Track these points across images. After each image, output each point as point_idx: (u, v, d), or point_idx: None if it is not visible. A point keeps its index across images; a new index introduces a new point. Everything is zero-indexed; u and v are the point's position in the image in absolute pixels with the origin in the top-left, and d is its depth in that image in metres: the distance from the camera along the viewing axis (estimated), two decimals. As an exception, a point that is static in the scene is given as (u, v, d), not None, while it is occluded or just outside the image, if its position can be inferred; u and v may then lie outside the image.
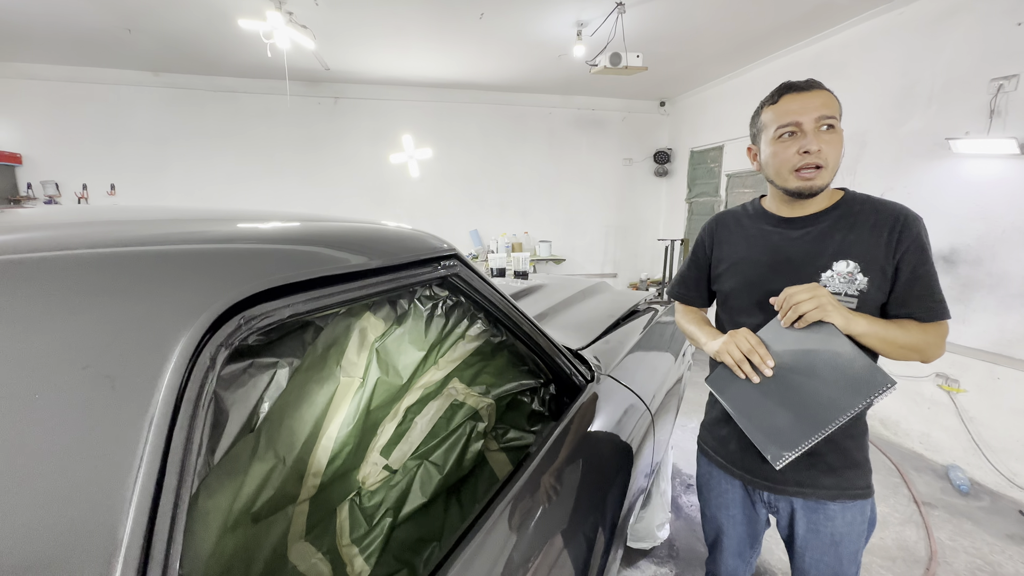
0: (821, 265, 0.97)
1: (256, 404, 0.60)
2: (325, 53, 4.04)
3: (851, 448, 1.00)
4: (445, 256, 0.88)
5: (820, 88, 0.97)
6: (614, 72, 3.00)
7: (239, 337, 0.50)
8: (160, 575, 0.37)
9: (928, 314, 0.94)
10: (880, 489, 2.61)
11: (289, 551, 0.83)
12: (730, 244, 1.14)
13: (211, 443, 0.54)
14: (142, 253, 0.47)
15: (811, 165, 0.94)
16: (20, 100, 4.52)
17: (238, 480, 0.65)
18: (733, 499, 1.15)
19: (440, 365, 1.07)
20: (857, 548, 1.03)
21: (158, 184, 4.92)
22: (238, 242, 0.54)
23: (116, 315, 0.42)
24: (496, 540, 0.75)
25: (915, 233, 0.94)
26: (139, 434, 0.39)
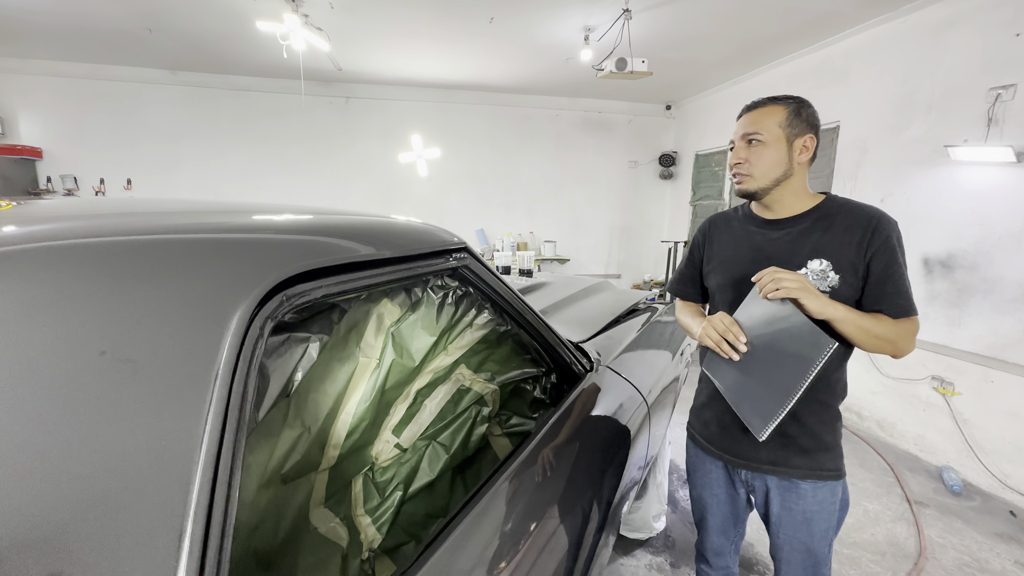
0: (797, 263, 1.07)
1: (292, 372, 0.69)
2: (338, 54, 4.15)
3: (822, 432, 1.09)
4: (456, 249, 0.97)
5: (765, 105, 1.10)
6: (620, 77, 3.08)
7: (282, 312, 0.58)
8: (224, 501, 0.46)
9: (897, 310, 1.01)
10: (874, 488, 2.67)
11: (311, 514, 0.91)
12: (720, 243, 1.25)
13: (256, 402, 0.62)
14: (203, 240, 0.55)
15: (739, 172, 1.11)
16: (42, 96, 4.65)
17: (272, 442, 0.73)
18: (716, 479, 1.24)
19: (449, 351, 1.15)
20: (828, 527, 1.11)
21: (172, 180, 5.05)
22: (280, 231, 0.62)
23: (187, 291, 0.51)
24: (490, 515, 0.83)
25: (885, 235, 1.02)
26: (208, 385, 0.47)
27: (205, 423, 0.46)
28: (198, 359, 0.48)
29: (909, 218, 3.06)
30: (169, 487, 0.42)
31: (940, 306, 2.87)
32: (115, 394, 0.43)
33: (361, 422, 0.98)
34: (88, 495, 0.38)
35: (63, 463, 0.38)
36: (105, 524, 0.38)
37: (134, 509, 0.40)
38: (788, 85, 4.12)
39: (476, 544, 0.76)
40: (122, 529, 0.39)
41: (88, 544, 0.37)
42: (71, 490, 0.38)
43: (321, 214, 0.74)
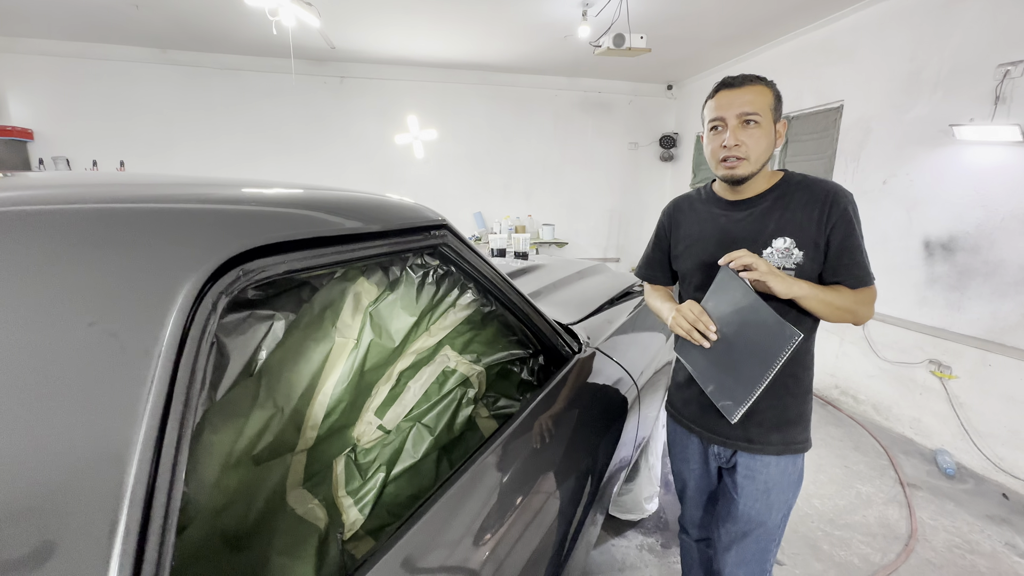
0: (762, 243, 1.08)
1: (255, 351, 0.67)
2: (331, 31, 4.04)
3: (793, 405, 1.12)
4: (435, 226, 0.94)
5: (753, 84, 1.06)
6: (617, 53, 2.99)
7: (238, 287, 0.56)
8: (168, 484, 0.43)
9: (855, 281, 1.04)
10: (867, 471, 2.68)
11: (288, 495, 0.90)
12: (685, 226, 1.24)
13: (214, 381, 0.60)
14: (154, 210, 0.52)
15: (731, 156, 1.05)
16: (32, 76, 4.57)
17: (240, 422, 0.71)
18: (692, 454, 1.28)
19: (432, 332, 1.13)
20: (787, 498, 1.15)
21: (166, 161, 4.98)
22: (237, 203, 0.59)
23: (134, 261, 0.48)
24: (469, 493, 0.82)
25: (842, 208, 1.04)
26: (149, 363, 0.45)
27: (146, 402, 0.43)
28: (140, 335, 0.45)
29: (911, 200, 3.01)
30: (103, 470, 0.40)
31: (940, 289, 2.84)
32: (46, 371, 0.40)
33: (339, 403, 0.96)
34: (10, 485, 0.36)
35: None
36: (31, 514, 0.36)
37: (63, 497, 0.38)
38: (792, 64, 4.02)
39: (453, 522, 0.75)
40: (50, 520, 0.37)
41: (12, 531, 0.35)
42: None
43: (288, 188, 0.71)
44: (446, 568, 0.73)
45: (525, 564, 0.85)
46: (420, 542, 0.70)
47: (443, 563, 0.72)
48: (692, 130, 5.53)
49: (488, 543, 0.79)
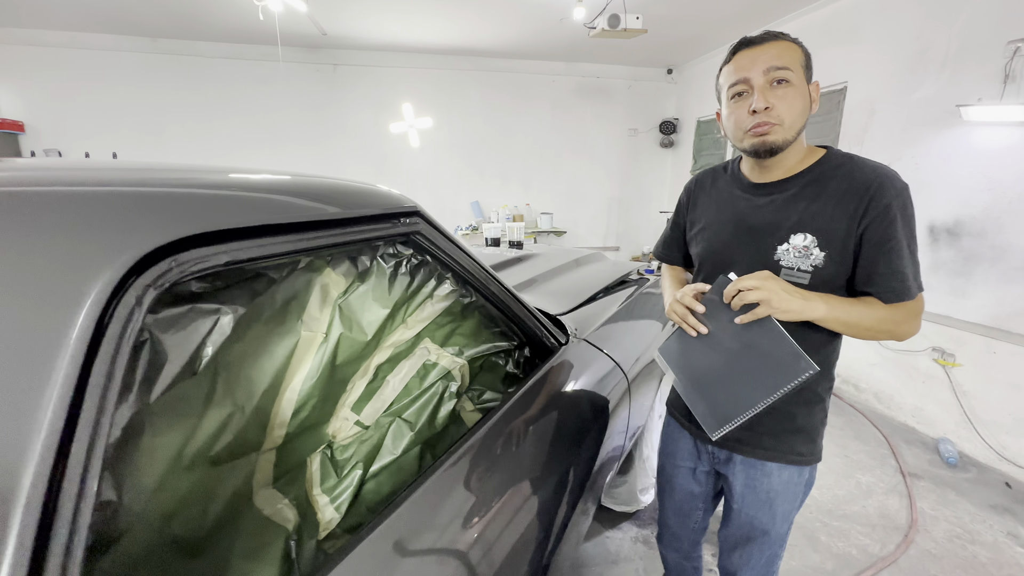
0: (779, 238, 0.93)
1: (198, 348, 0.63)
2: (322, 17, 3.95)
3: (798, 414, 0.99)
4: (406, 213, 0.88)
5: (776, 39, 0.90)
6: (613, 35, 2.90)
7: (170, 279, 0.51)
8: (76, 495, 0.39)
9: (891, 295, 0.87)
10: (868, 460, 2.64)
11: (255, 496, 0.87)
12: (703, 206, 1.12)
13: (147, 380, 0.56)
14: (65, 194, 0.48)
15: (766, 122, 0.88)
16: (22, 67, 4.50)
17: (190, 422, 0.68)
18: (682, 449, 1.18)
19: (409, 324, 1.08)
20: (791, 508, 1.05)
21: (160, 152, 4.92)
22: (170, 186, 0.54)
23: (42, 250, 0.43)
24: (448, 486, 0.78)
25: (884, 204, 0.85)
26: (53, 364, 0.40)
27: (47, 408, 0.39)
28: (44, 333, 0.41)
29: (917, 183, 2.90)
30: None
31: (945, 275, 2.77)
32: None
33: (309, 399, 0.92)
34: None
35: None
36: None
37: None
38: (795, 44, 3.91)
39: (430, 516, 0.72)
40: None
41: None
42: None
43: (236, 172, 0.66)
44: (424, 561, 0.69)
45: (507, 556, 0.81)
46: (394, 537, 0.66)
47: (420, 557, 0.69)
48: (693, 115, 5.42)
49: (468, 536, 0.76)
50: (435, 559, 0.71)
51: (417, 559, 0.69)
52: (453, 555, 0.74)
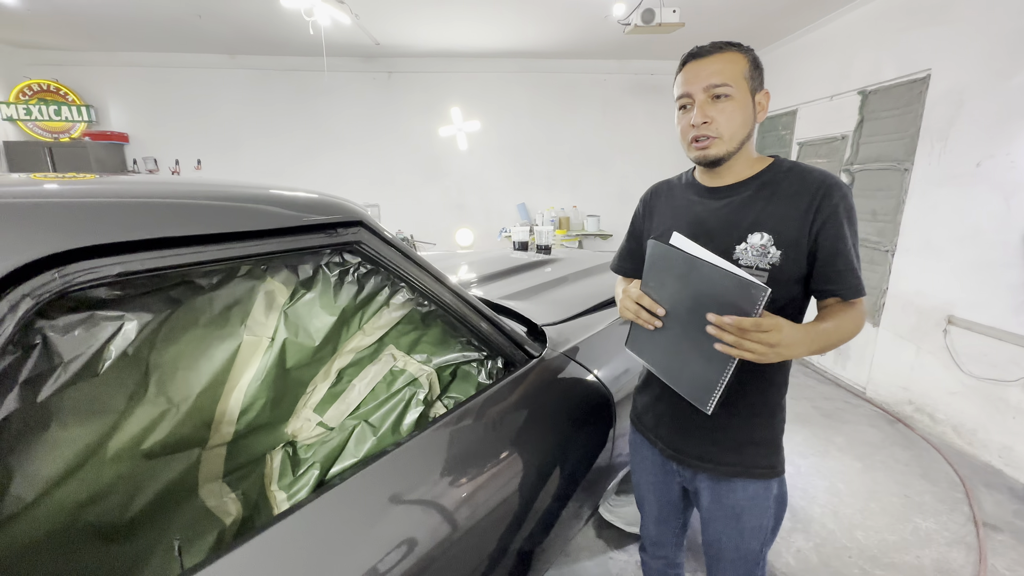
0: (737, 237, 0.96)
1: (99, 351, 0.67)
2: (373, 28, 4.14)
3: (757, 426, 1.01)
4: (344, 223, 0.90)
5: (722, 51, 0.94)
6: (648, 31, 2.76)
7: (53, 289, 0.55)
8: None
9: (852, 292, 0.91)
10: (933, 503, 2.30)
11: (200, 488, 0.92)
12: (660, 215, 1.13)
13: (36, 379, 0.61)
14: None
15: (702, 136, 0.93)
16: (126, 86, 5.16)
17: (109, 418, 0.73)
18: (652, 465, 1.17)
19: (367, 331, 1.10)
20: (760, 524, 1.04)
21: (236, 159, 5.42)
22: (54, 199, 0.59)
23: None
24: (375, 484, 0.78)
25: (834, 204, 0.90)
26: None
27: None
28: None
29: (1012, 185, 2.51)
30: None
31: (1045, 294, 2.35)
32: None
33: (256, 400, 0.96)
34: None
35: None
36: None
37: None
38: (868, 31, 3.50)
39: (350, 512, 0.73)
40: None
41: None
42: None
43: (143, 183, 0.70)
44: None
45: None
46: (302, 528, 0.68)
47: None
48: (756, 111, 5.03)
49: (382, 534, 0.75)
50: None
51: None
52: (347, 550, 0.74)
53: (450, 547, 0.84)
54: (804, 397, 3.47)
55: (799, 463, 2.63)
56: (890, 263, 3.27)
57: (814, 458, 2.68)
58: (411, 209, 5.71)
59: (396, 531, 0.77)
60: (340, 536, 0.72)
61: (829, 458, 2.68)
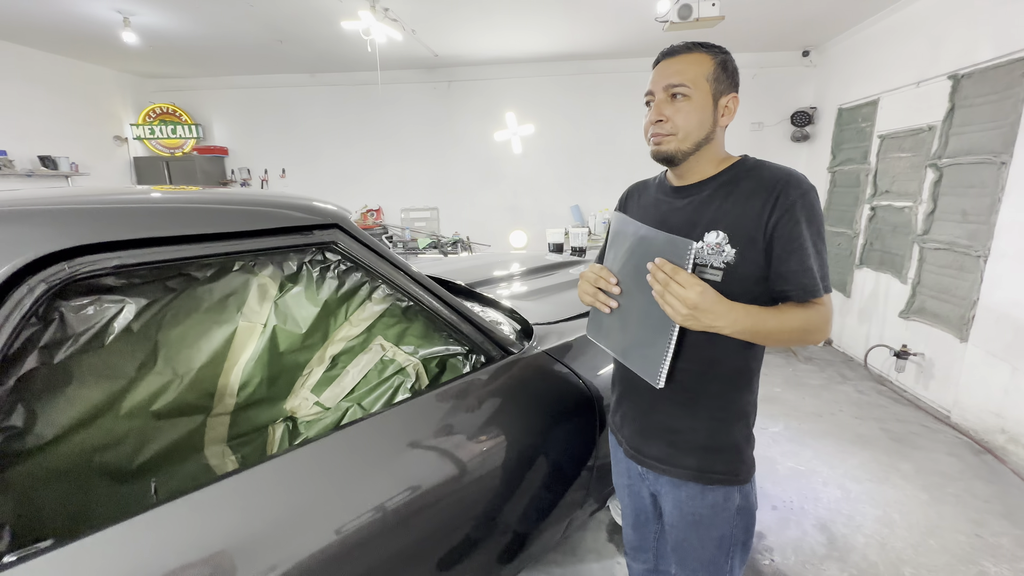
0: (695, 236, 0.95)
1: (104, 327, 0.85)
2: (430, 40, 4.39)
3: (717, 430, 0.99)
4: (321, 225, 1.02)
5: (690, 52, 0.96)
6: (686, 27, 2.66)
7: (63, 277, 0.72)
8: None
9: (802, 292, 0.89)
10: (1012, 547, 2.00)
11: (206, 449, 1.10)
12: (632, 214, 1.13)
13: (54, 344, 0.79)
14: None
15: (659, 133, 0.96)
16: (226, 105, 5.91)
17: (120, 381, 0.91)
18: (626, 468, 1.18)
19: (353, 322, 1.23)
20: (723, 534, 1.02)
21: (315, 168, 5.99)
22: (61, 205, 0.76)
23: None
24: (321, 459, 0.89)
25: (790, 202, 0.88)
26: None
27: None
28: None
29: None
30: None
31: None
32: None
33: (252, 377, 1.12)
34: None
35: None
36: None
37: None
38: (962, 7, 3.09)
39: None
40: None
41: None
42: None
43: (141, 192, 0.87)
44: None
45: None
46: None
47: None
48: (833, 103, 4.61)
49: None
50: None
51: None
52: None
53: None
54: (872, 417, 3.14)
55: (850, 487, 2.40)
56: (982, 270, 2.86)
57: (869, 484, 2.43)
58: (467, 212, 5.93)
59: (351, 489, 0.87)
60: (304, 485, 0.84)
61: (888, 485, 2.42)
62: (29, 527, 0.76)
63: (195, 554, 0.71)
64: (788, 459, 2.64)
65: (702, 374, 0.98)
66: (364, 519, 0.89)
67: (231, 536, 0.75)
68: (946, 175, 3.16)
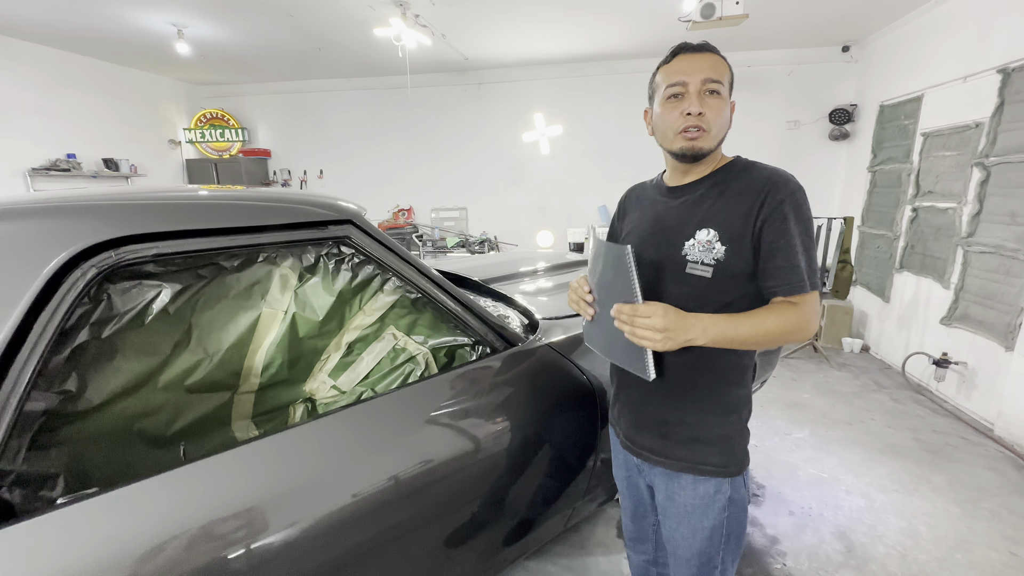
0: (687, 233, 0.98)
1: (144, 308, 0.96)
2: (460, 44, 4.50)
3: (709, 423, 1.01)
4: (334, 221, 1.12)
5: (713, 52, 0.97)
6: (709, 26, 2.63)
7: (110, 263, 0.84)
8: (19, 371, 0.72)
9: (788, 288, 0.91)
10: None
11: (233, 424, 1.21)
12: (631, 214, 1.18)
13: (100, 321, 0.91)
14: (41, 207, 0.83)
15: (693, 126, 0.94)
16: (269, 109, 6.24)
17: (157, 358, 1.03)
18: (623, 460, 1.21)
19: (366, 312, 1.32)
20: (713, 525, 1.04)
21: (350, 169, 6.24)
22: (110, 202, 0.87)
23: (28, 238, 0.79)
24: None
25: (778, 201, 0.91)
26: (14, 306, 0.74)
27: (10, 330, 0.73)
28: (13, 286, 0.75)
29: None
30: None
31: None
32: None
33: (274, 360, 1.23)
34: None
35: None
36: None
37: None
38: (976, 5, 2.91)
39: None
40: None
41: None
42: None
43: (175, 191, 0.99)
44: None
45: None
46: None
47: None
48: (874, 99, 4.42)
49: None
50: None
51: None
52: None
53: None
54: (907, 427, 3.01)
55: (875, 497, 2.32)
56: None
57: (896, 494, 2.34)
58: (495, 212, 6.03)
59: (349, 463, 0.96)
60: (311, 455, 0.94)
61: (917, 497, 2.33)
62: (77, 478, 0.89)
63: (215, 506, 0.82)
64: (811, 465, 2.57)
65: (693, 368, 1.00)
66: (376, 486, 0.98)
67: (249, 494, 0.85)
68: (994, 174, 2.99)
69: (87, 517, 0.73)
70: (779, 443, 2.77)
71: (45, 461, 0.84)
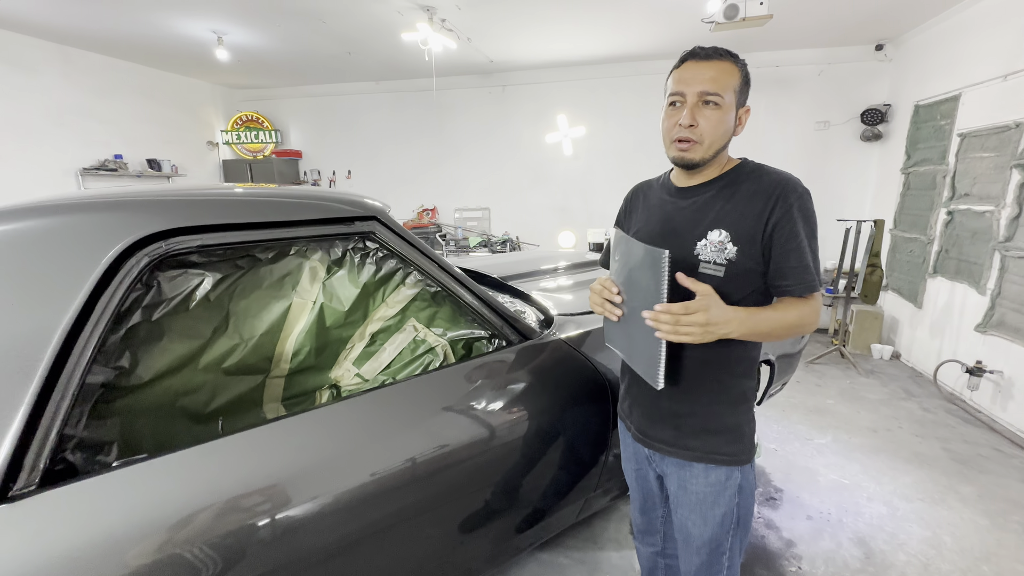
0: (698, 234, 1.01)
1: (189, 294, 1.05)
2: (485, 47, 4.58)
3: (718, 414, 1.05)
4: (360, 217, 1.19)
5: (722, 60, 0.96)
6: (733, 27, 2.62)
7: (159, 253, 0.93)
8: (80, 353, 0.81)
9: (804, 287, 0.95)
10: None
11: (264, 406, 1.30)
12: (638, 213, 1.20)
13: (151, 305, 1.00)
14: (101, 203, 0.93)
15: (684, 139, 0.97)
16: (301, 112, 6.46)
17: (199, 341, 1.12)
18: (634, 454, 1.23)
19: (389, 304, 1.39)
20: (724, 512, 1.06)
21: (377, 170, 6.40)
22: (161, 197, 0.96)
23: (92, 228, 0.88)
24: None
25: (788, 204, 0.95)
26: (80, 288, 0.84)
27: (76, 309, 0.82)
28: (76, 274, 0.85)
29: None
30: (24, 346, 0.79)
31: None
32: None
33: (303, 347, 1.31)
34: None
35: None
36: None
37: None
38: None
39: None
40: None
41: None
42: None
43: (215, 189, 1.08)
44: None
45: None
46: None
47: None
48: (909, 99, 4.28)
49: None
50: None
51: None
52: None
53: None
54: (935, 436, 2.92)
55: (898, 505, 2.27)
56: (1071, 281, 2.59)
57: (920, 503, 2.29)
58: (517, 212, 6.08)
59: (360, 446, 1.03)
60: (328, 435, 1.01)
61: (943, 507, 2.27)
62: (128, 445, 0.98)
63: (248, 476, 0.89)
64: (832, 471, 2.53)
65: (704, 362, 1.03)
66: (395, 467, 1.05)
67: (279, 468, 0.93)
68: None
69: (138, 480, 0.82)
70: (800, 448, 2.73)
71: (102, 430, 0.94)
